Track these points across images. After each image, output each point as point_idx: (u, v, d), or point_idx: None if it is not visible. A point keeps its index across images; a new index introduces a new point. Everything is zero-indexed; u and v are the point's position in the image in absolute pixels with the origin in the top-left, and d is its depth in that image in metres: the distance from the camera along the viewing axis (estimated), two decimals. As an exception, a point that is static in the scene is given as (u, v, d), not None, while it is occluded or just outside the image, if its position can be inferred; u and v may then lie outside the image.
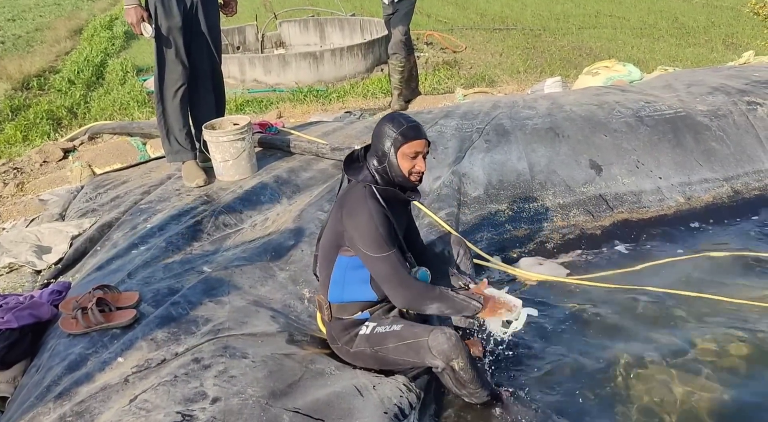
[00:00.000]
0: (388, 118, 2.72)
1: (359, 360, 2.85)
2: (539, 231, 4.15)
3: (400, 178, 2.72)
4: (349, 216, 2.65)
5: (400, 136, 2.65)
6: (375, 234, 2.60)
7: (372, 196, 2.67)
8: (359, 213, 2.63)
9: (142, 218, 3.95)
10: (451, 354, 2.58)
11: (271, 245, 3.62)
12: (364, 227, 2.61)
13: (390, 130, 2.66)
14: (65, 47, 12.88)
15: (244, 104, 8.11)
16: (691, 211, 4.35)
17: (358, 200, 2.66)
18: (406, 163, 2.69)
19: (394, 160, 2.68)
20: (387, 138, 2.66)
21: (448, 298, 2.66)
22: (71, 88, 9.36)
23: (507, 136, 4.77)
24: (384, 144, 2.67)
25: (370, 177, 2.73)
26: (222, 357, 2.63)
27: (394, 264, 2.63)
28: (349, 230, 2.64)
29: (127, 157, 5.66)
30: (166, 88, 4.29)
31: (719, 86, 5.42)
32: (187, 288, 3.11)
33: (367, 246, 2.61)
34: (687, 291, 3.52)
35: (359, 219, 2.62)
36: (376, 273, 2.67)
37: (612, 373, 2.99)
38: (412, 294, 2.65)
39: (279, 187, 4.20)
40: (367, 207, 2.63)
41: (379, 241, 2.61)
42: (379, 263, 2.63)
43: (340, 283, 2.80)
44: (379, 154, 2.69)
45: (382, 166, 2.70)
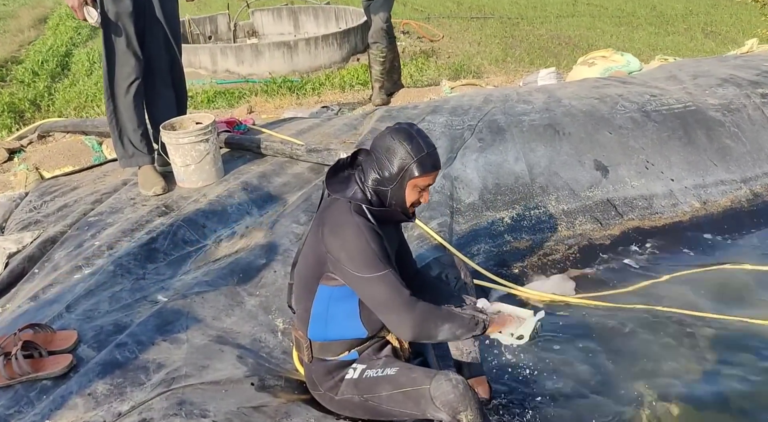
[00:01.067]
0: (405, 133, 2.21)
1: (346, 410, 2.38)
2: (543, 243, 3.69)
3: (400, 207, 2.28)
4: (333, 234, 2.17)
5: (419, 165, 2.19)
6: (366, 250, 2.13)
7: (360, 212, 2.21)
8: (344, 228, 2.16)
9: (90, 234, 3.43)
10: (459, 406, 2.11)
11: (238, 265, 3.12)
12: (352, 244, 2.14)
13: (406, 153, 2.18)
14: (29, 37, 12.28)
15: (216, 96, 7.59)
16: (708, 217, 3.92)
17: (341, 214, 2.20)
18: (413, 195, 2.26)
19: (400, 190, 2.23)
20: (399, 160, 2.18)
21: (456, 317, 2.20)
22: (35, 80, 8.86)
23: (502, 134, 4.30)
24: (393, 165, 2.19)
25: (361, 195, 2.26)
26: (176, 418, 2.13)
27: (393, 285, 2.15)
28: (334, 251, 2.16)
29: (80, 159, 5.11)
30: (117, 83, 3.75)
31: (728, 77, 5.00)
32: (136, 325, 2.60)
33: (358, 267, 2.14)
34: (706, 313, 3.10)
35: (345, 236, 2.15)
36: (371, 298, 2.19)
37: (631, 412, 2.56)
38: (420, 318, 2.15)
39: (248, 196, 3.68)
40: (354, 223, 2.16)
41: (372, 259, 2.14)
42: (374, 286, 2.15)
43: (322, 318, 2.32)
44: (384, 175, 2.22)
45: (384, 189, 2.24)
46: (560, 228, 3.77)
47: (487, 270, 3.42)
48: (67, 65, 9.91)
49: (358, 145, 4.21)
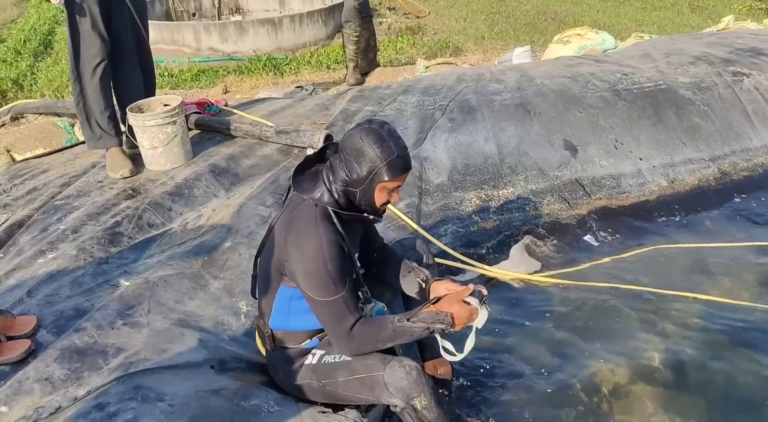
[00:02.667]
0: (375, 135, 2.13)
1: (304, 394, 2.40)
2: (510, 223, 3.71)
3: (369, 208, 2.24)
4: (295, 246, 2.15)
5: (388, 169, 2.12)
6: (322, 273, 2.12)
7: (326, 217, 2.18)
8: (306, 243, 2.13)
9: (56, 217, 3.42)
10: (412, 392, 2.14)
11: (203, 248, 3.12)
12: (309, 263, 2.12)
13: (375, 156, 2.11)
14: (11, 15, 12.06)
15: (199, 74, 7.52)
16: (676, 196, 3.95)
17: (307, 224, 2.16)
18: (382, 197, 2.22)
19: (369, 192, 2.18)
20: (368, 163, 2.12)
21: (405, 332, 2.19)
22: (17, 59, 8.70)
23: (473, 114, 4.30)
24: (362, 168, 2.13)
25: (328, 197, 2.21)
26: (132, 402, 2.14)
27: (337, 313, 2.16)
28: (292, 263, 2.16)
29: (52, 141, 5.07)
30: (83, 64, 3.71)
31: (701, 55, 5.01)
32: (96, 309, 2.60)
33: (310, 286, 2.14)
34: (668, 290, 3.15)
35: (305, 253, 2.12)
36: (317, 316, 2.22)
37: (594, 389, 2.63)
38: (357, 346, 2.20)
39: (216, 178, 3.68)
40: (317, 236, 2.13)
41: (326, 283, 2.13)
42: (320, 308, 2.18)
43: (284, 313, 2.34)
44: (352, 177, 2.16)
45: (352, 190, 2.19)
46: (528, 208, 3.79)
47: (454, 251, 3.45)
48: (50, 44, 9.74)
49: (328, 125, 4.21)
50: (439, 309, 2.21)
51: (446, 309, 2.20)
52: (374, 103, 4.54)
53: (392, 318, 2.21)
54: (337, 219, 2.20)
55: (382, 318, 2.23)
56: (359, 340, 2.18)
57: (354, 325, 2.17)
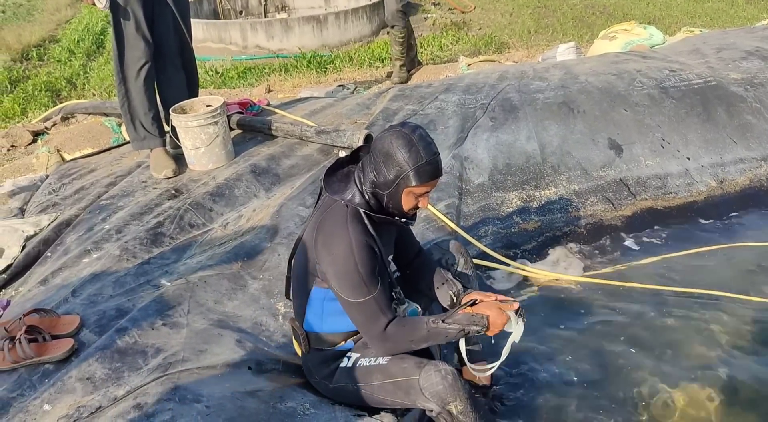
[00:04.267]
0: (404, 140, 2.12)
1: (340, 397, 2.41)
2: (552, 224, 3.65)
3: (397, 211, 2.23)
4: (325, 247, 2.16)
5: (415, 174, 2.12)
6: (352, 274, 2.13)
7: (357, 218, 2.18)
8: (337, 244, 2.14)
9: (101, 217, 3.49)
10: (447, 397, 2.13)
11: (243, 249, 3.15)
12: (341, 264, 2.13)
13: (402, 161, 2.10)
14: (66, 15, 12.39)
15: (245, 72, 7.61)
16: (725, 196, 3.83)
17: (337, 225, 2.17)
18: (409, 202, 2.21)
19: (396, 196, 2.18)
20: (396, 168, 2.12)
21: (439, 333, 2.19)
22: (71, 59, 8.95)
23: (515, 113, 4.24)
24: (389, 172, 2.13)
25: (360, 198, 2.21)
26: (170, 403, 2.17)
27: (371, 312, 2.17)
28: (323, 264, 2.17)
29: (100, 141, 5.18)
30: (128, 66, 3.78)
31: (754, 50, 4.84)
32: (137, 309, 2.65)
33: (342, 289, 2.15)
34: (719, 292, 3.04)
35: (336, 254, 2.13)
36: (350, 317, 2.22)
37: (640, 399, 2.54)
38: (392, 346, 2.22)
39: (256, 178, 3.71)
40: (347, 237, 2.13)
41: (357, 283, 2.13)
42: (353, 309, 2.18)
43: (318, 315, 2.34)
44: (380, 180, 2.16)
45: (380, 192, 2.19)
46: (571, 209, 3.72)
47: (494, 252, 3.40)
48: (102, 43, 9.98)
49: (368, 125, 4.20)
50: (476, 312, 2.20)
51: (483, 312, 2.19)
52: (415, 102, 4.52)
53: (427, 318, 2.21)
54: (368, 221, 2.20)
55: (416, 319, 2.23)
56: (393, 340, 2.19)
57: (387, 325, 2.18)
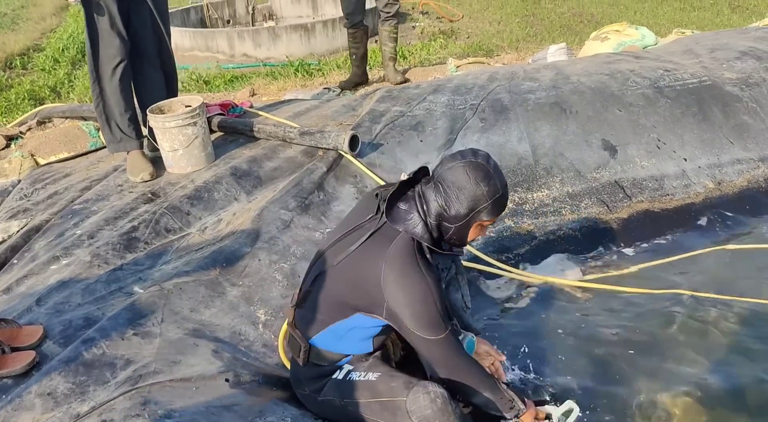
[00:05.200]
0: (482, 172, 2.01)
1: (326, 412, 2.25)
2: (545, 226, 3.51)
3: (459, 243, 2.13)
4: (399, 287, 1.98)
5: (491, 207, 2.03)
6: (432, 313, 1.99)
7: (424, 258, 2.03)
8: (414, 286, 1.99)
9: (73, 222, 3.32)
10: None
11: (222, 254, 2.98)
12: (420, 305, 1.99)
13: (481, 195, 2.00)
14: (50, 24, 12.19)
15: (232, 80, 7.45)
16: (723, 198, 3.71)
17: (408, 264, 2.00)
18: (475, 234, 2.12)
19: (465, 229, 2.07)
20: (472, 202, 2.01)
21: (499, 390, 2.12)
22: (55, 67, 8.75)
23: (506, 113, 4.11)
24: (464, 206, 2.01)
25: (422, 229, 2.05)
26: (138, 419, 2.00)
27: (451, 348, 2.07)
28: (397, 305, 2.00)
29: (76, 145, 5.00)
30: (102, 64, 3.61)
31: (748, 50, 4.74)
32: (107, 318, 2.47)
33: (421, 328, 2.01)
34: (721, 295, 2.91)
35: (414, 296, 1.98)
36: (428, 356, 2.08)
37: (638, 405, 2.39)
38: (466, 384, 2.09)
39: (237, 181, 3.54)
40: (424, 278, 1.99)
41: (436, 320, 2.01)
42: (434, 347, 2.04)
43: (337, 335, 2.17)
44: (450, 213, 2.03)
45: (447, 225, 2.06)
46: (564, 211, 3.58)
47: (486, 256, 3.26)
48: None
49: (354, 126, 4.05)
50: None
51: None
52: (402, 104, 4.37)
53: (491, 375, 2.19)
54: (430, 255, 2.06)
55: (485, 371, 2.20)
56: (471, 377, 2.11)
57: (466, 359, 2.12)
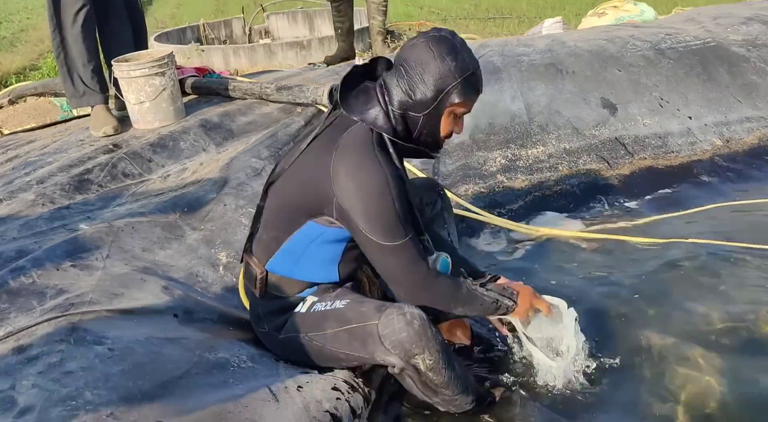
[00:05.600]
0: (447, 45, 1.71)
1: (289, 352, 1.93)
2: (541, 183, 3.23)
3: (431, 139, 1.80)
4: (351, 178, 1.69)
5: (463, 87, 1.71)
6: (389, 213, 1.68)
7: (383, 147, 1.74)
8: (368, 177, 1.68)
9: (25, 172, 3.03)
10: (413, 348, 1.66)
11: (184, 199, 2.70)
12: (375, 201, 1.68)
13: (448, 71, 1.69)
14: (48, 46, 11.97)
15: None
16: (732, 156, 3.45)
17: (364, 151, 1.71)
18: (448, 125, 1.79)
19: (435, 118, 1.75)
20: (439, 80, 1.70)
21: (476, 298, 1.80)
22: (46, 85, 8.58)
23: (498, 74, 3.85)
24: (429, 87, 1.71)
25: (384, 121, 1.76)
26: (61, 345, 1.70)
27: (412, 257, 1.73)
28: (347, 199, 1.69)
29: (46, 119, 4.72)
30: (64, 9, 3.33)
31: (753, 16, 4.52)
32: (43, 250, 2.18)
33: (374, 230, 1.69)
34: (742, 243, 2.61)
35: (369, 190, 1.68)
36: (383, 268, 1.76)
37: (643, 359, 2.07)
38: (437, 299, 1.78)
39: (206, 133, 3.27)
40: (381, 169, 1.68)
41: (395, 224, 1.69)
42: (389, 255, 1.72)
43: (295, 255, 1.86)
44: (416, 98, 1.72)
45: (414, 114, 1.75)
46: (561, 167, 3.31)
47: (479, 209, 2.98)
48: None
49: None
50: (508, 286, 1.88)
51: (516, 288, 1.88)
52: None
53: (464, 280, 1.84)
54: (393, 150, 1.75)
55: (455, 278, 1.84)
56: (437, 291, 1.78)
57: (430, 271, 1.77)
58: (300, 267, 1.87)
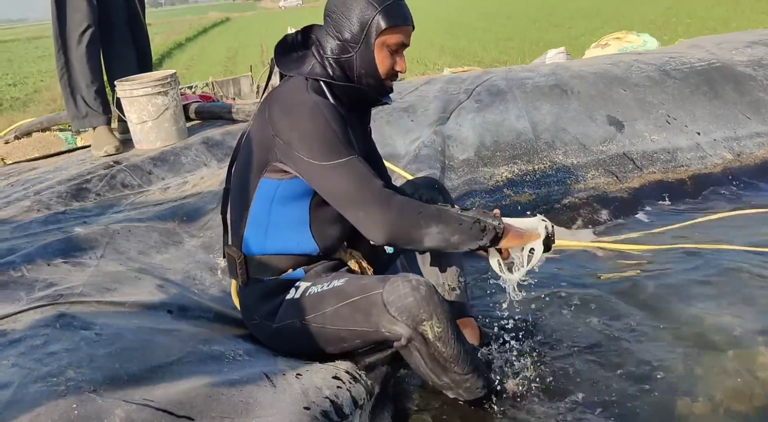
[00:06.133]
0: None
1: (285, 342, 1.84)
2: (549, 196, 3.16)
3: (372, 79, 1.75)
4: (283, 113, 1.66)
5: (385, 15, 1.67)
6: (325, 131, 1.63)
7: (317, 89, 1.71)
8: (298, 106, 1.66)
9: (23, 186, 2.99)
10: (421, 313, 1.57)
11: (183, 208, 2.64)
12: (308, 124, 1.63)
13: (368, 3, 1.67)
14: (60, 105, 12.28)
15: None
16: (744, 169, 3.38)
17: (296, 92, 1.70)
18: (384, 59, 1.73)
19: (368, 53, 1.71)
20: (360, 13, 1.68)
21: (451, 217, 1.66)
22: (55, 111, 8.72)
23: (503, 96, 3.83)
24: (353, 22, 1.69)
25: (320, 69, 1.75)
26: (46, 329, 1.61)
27: (360, 173, 1.64)
28: (283, 132, 1.65)
29: (50, 151, 4.73)
30: (68, 30, 3.36)
31: (757, 40, 4.52)
32: (35, 247, 2.11)
33: (314, 152, 1.63)
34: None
35: (299, 114, 1.64)
36: (332, 192, 1.67)
37: (658, 367, 1.94)
38: (398, 214, 1.63)
39: (208, 149, 3.24)
40: (311, 99, 1.66)
41: (333, 142, 1.63)
42: (335, 175, 1.64)
43: (262, 225, 1.79)
44: (344, 37, 1.71)
45: (347, 56, 1.72)
46: (569, 181, 3.24)
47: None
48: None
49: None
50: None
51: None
52: (393, 94, 4.11)
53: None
54: (330, 92, 1.73)
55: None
56: (399, 206, 1.63)
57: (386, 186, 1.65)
58: (271, 239, 1.80)
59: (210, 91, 10.71)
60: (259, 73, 10.73)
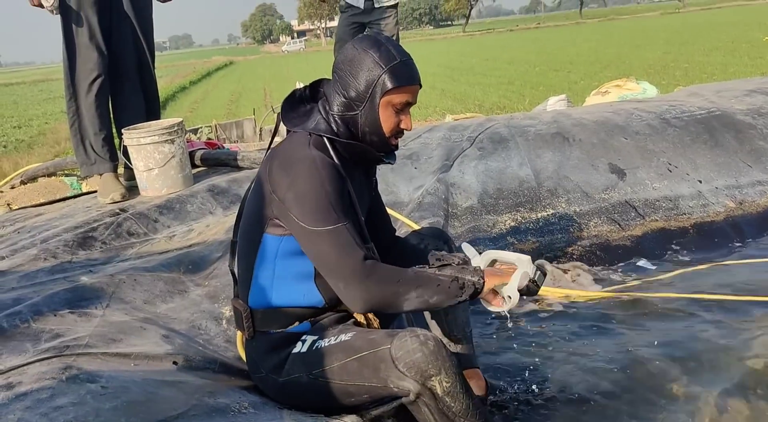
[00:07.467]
0: (370, 41, 1.76)
1: (292, 396, 1.82)
2: (552, 244, 3.17)
3: (377, 137, 1.77)
4: (282, 169, 1.69)
5: (391, 75, 1.70)
6: (318, 194, 1.65)
7: (319, 145, 1.73)
8: (297, 163, 1.67)
9: (30, 234, 3.01)
10: (429, 368, 1.57)
11: (189, 257, 2.65)
12: (303, 184, 1.65)
13: (372, 62, 1.70)
14: (64, 148, 12.40)
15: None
16: (746, 217, 3.39)
17: (297, 147, 1.72)
18: (389, 118, 1.75)
19: (373, 111, 1.73)
20: (367, 72, 1.70)
21: (429, 280, 1.68)
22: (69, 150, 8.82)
23: (505, 143, 3.87)
24: (360, 80, 1.71)
25: (325, 125, 1.77)
26: (53, 381, 1.61)
27: (343, 244, 1.65)
28: (280, 190, 1.67)
29: (56, 196, 4.76)
30: (79, 80, 3.42)
31: (755, 89, 4.58)
32: (42, 297, 2.12)
33: (304, 215, 1.65)
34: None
35: (296, 173, 1.66)
36: (316, 258, 1.69)
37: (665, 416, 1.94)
38: (376, 288, 1.66)
39: (214, 197, 3.26)
40: (310, 157, 1.68)
41: (324, 207, 1.65)
42: (320, 242, 1.65)
43: (267, 279, 1.80)
44: (350, 95, 1.73)
45: (352, 114, 1.75)
46: (572, 229, 3.26)
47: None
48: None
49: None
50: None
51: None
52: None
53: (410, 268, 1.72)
54: (333, 149, 1.74)
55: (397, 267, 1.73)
56: (377, 276, 1.65)
57: (367, 257, 1.66)
58: (277, 292, 1.80)
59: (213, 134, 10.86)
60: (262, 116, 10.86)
